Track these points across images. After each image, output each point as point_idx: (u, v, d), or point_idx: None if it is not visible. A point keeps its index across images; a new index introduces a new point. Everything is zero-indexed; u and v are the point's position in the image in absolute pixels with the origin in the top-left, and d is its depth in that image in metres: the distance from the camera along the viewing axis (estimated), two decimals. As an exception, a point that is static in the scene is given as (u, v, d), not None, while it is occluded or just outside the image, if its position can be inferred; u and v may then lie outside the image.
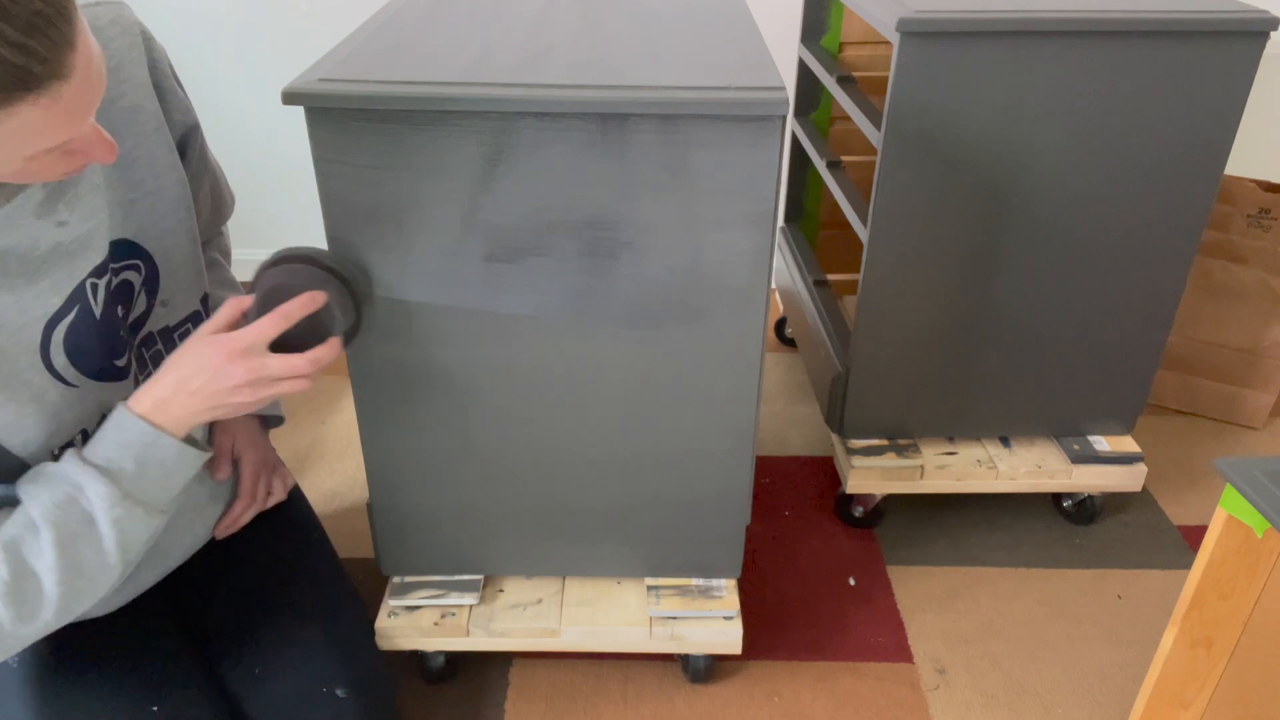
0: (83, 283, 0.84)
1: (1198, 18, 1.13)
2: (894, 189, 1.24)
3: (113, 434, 0.81)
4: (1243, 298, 1.66)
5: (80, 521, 0.79)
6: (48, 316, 0.81)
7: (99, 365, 0.87)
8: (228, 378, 0.82)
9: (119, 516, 0.80)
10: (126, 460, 0.80)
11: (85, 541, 0.79)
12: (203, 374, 0.82)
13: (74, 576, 0.79)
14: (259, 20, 1.99)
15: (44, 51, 0.60)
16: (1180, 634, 0.95)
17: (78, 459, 0.80)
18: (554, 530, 1.16)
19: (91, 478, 0.79)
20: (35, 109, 0.62)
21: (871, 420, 1.46)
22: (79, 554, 0.79)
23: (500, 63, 0.93)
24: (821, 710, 1.22)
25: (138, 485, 0.81)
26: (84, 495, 0.79)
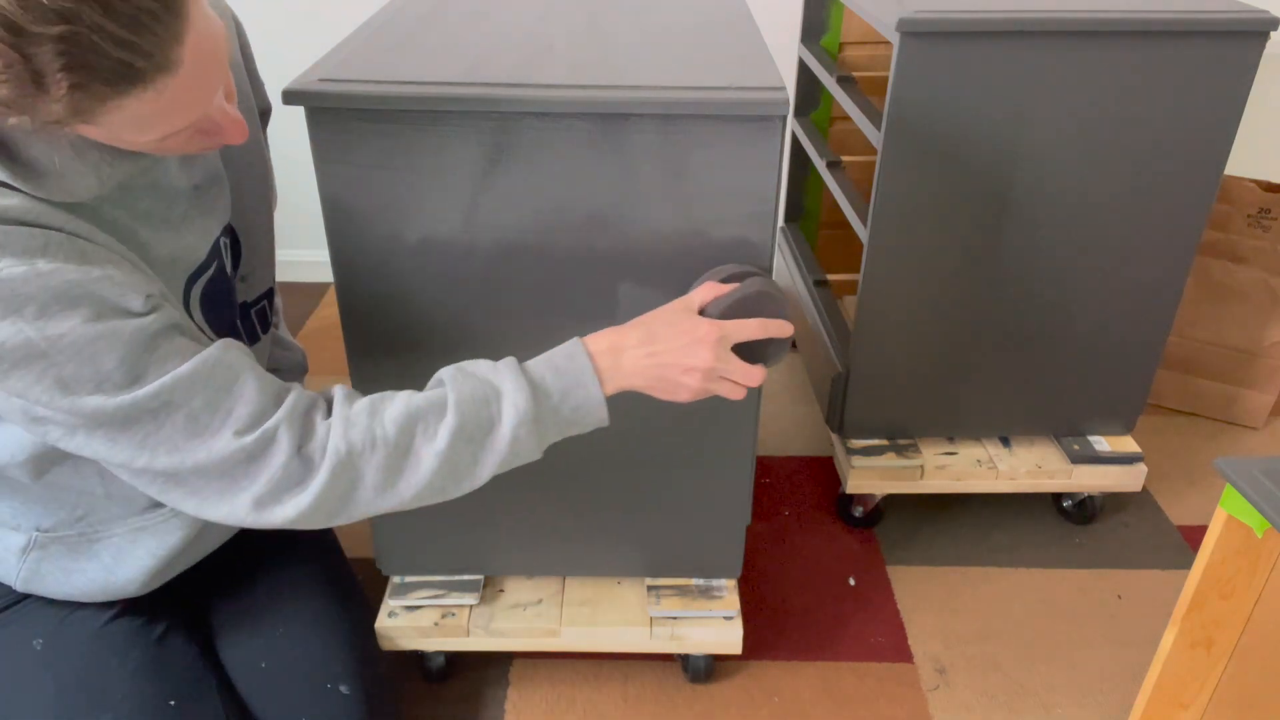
0: (218, 240, 0.87)
1: (1198, 18, 1.13)
2: (894, 189, 1.24)
3: (558, 359, 0.82)
4: (1243, 298, 1.66)
5: (487, 423, 0.79)
6: (192, 268, 0.83)
7: (226, 323, 0.89)
8: (694, 356, 0.83)
9: (519, 436, 0.79)
10: (554, 388, 0.80)
11: (479, 443, 0.79)
12: (674, 341, 0.83)
13: (450, 471, 0.79)
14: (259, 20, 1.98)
15: (148, 47, 0.61)
16: (1180, 634, 0.95)
17: (516, 368, 0.80)
18: (554, 530, 1.16)
19: (519, 388, 0.78)
20: (142, 102, 0.63)
21: (871, 420, 1.46)
22: (468, 452, 0.79)
23: (500, 63, 0.93)
24: (821, 710, 1.22)
25: (550, 414, 0.81)
26: (501, 402, 0.79)
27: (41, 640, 0.93)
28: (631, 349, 0.83)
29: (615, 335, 0.84)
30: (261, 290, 1.00)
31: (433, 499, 0.81)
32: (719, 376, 0.85)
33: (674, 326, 0.84)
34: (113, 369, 0.69)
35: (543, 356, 0.83)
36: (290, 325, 2.13)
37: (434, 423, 0.78)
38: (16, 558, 0.91)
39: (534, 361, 0.82)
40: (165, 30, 0.61)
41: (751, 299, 0.88)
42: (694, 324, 0.84)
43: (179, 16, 0.62)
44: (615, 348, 0.83)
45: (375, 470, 0.77)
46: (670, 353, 0.83)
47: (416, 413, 0.78)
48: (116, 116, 0.64)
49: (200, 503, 0.76)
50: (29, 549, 0.91)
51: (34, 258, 0.67)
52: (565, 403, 0.81)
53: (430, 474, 0.78)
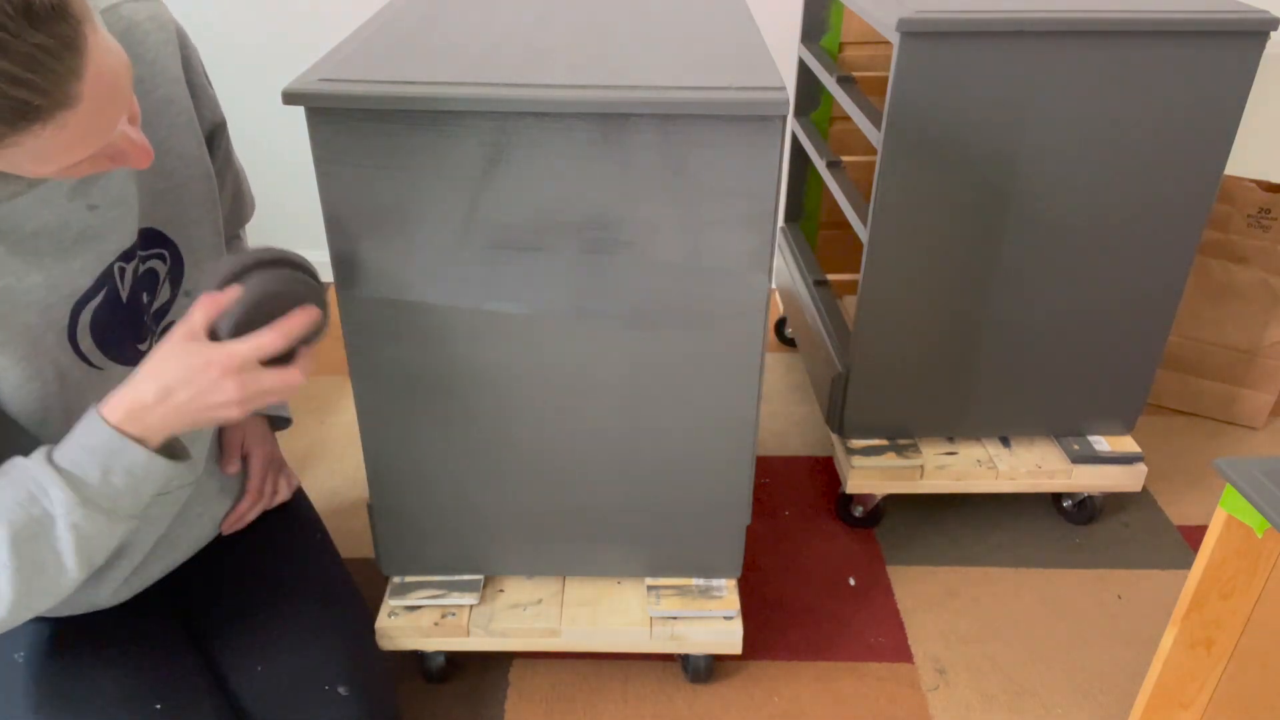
0: (111, 265, 0.84)
1: (1198, 18, 1.13)
2: (894, 189, 1.24)
3: (81, 438, 0.78)
4: (1243, 298, 1.66)
5: (39, 522, 0.76)
6: (76, 296, 0.82)
7: (123, 349, 0.87)
8: (219, 393, 0.79)
9: (77, 522, 0.76)
10: (91, 467, 0.77)
11: (44, 542, 0.76)
12: (191, 387, 0.78)
13: (31, 574, 0.76)
14: (259, 20, 1.99)
15: (46, 85, 0.60)
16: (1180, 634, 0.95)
17: (44, 459, 0.77)
18: (554, 530, 1.16)
19: (53, 481, 0.76)
20: (41, 138, 0.62)
21: (871, 420, 1.46)
22: (37, 553, 0.76)
23: (500, 63, 0.93)
24: (821, 710, 1.22)
25: (101, 493, 0.77)
26: (46, 496, 0.76)
27: (23, 653, 0.92)
28: (152, 408, 0.77)
29: (130, 397, 0.78)
30: None
31: (44, 601, 0.78)
32: (258, 395, 0.81)
33: (188, 369, 0.78)
34: None
35: (71, 436, 0.78)
36: (290, 325, 2.12)
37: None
38: None
39: (61, 447, 0.78)
40: (63, 67, 0.60)
41: (260, 303, 0.81)
42: (205, 359, 0.78)
43: (77, 52, 0.61)
44: (134, 412, 0.77)
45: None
46: (195, 398, 0.78)
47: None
48: (14, 151, 0.63)
49: None
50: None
51: None
52: (113, 476, 0.77)
53: (15, 582, 0.75)
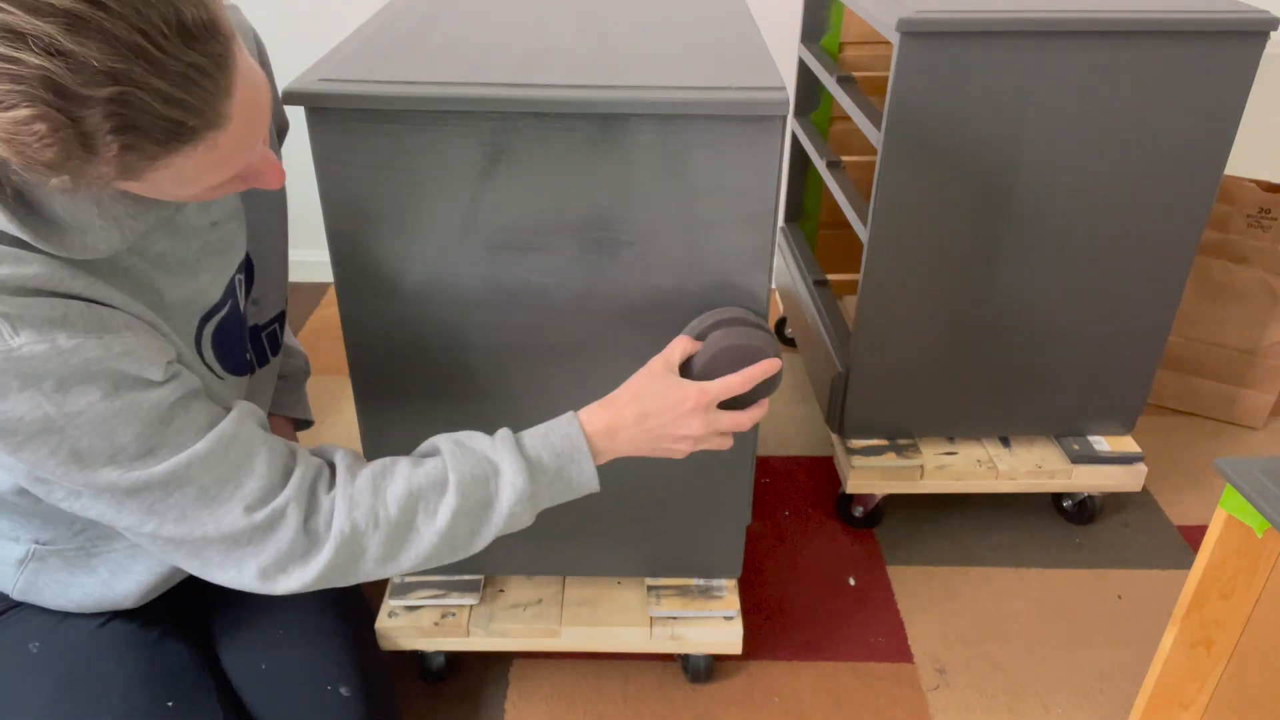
0: (233, 279, 0.86)
1: (1198, 18, 1.13)
2: (894, 189, 1.24)
3: (557, 438, 0.83)
4: (1243, 298, 1.66)
5: (484, 501, 0.81)
6: (205, 310, 0.83)
7: (238, 359, 0.89)
8: (686, 426, 0.85)
9: (515, 513, 0.82)
10: (551, 465, 0.82)
11: (477, 519, 0.81)
12: (665, 415, 0.85)
13: (446, 545, 0.81)
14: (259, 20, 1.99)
15: (199, 104, 0.60)
16: (1180, 634, 0.95)
17: (513, 445, 0.82)
18: (554, 530, 1.16)
19: (518, 470, 0.81)
20: (191, 159, 0.62)
21: (871, 420, 1.46)
22: (461, 528, 0.80)
23: (500, 63, 0.93)
24: (821, 710, 1.22)
25: (545, 491, 0.83)
26: (498, 480, 0.81)
27: (38, 644, 0.92)
28: (628, 428, 0.85)
29: (610, 413, 0.86)
30: (273, 313, 1.00)
31: (431, 565, 0.83)
32: (714, 433, 0.88)
33: (664, 398, 0.86)
34: (127, 442, 0.70)
35: (540, 431, 0.84)
36: (291, 325, 2.13)
37: (435, 501, 0.80)
38: (14, 568, 0.91)
39: (530, 436, 0.84)
40: (215, 86, 0.60)
41: (727, 352, 0.90)
42: (682, 394, 0.86)
43: (228, 71, 0.61)
44: (614, 427, 0.85)
45: (377, 546, 0.79)
46: (665, 426, 0.85)
47: (418, 491, 0.80)
48: (164, 173, 0.63)
49: (204, 565, 0.77)
50: (26, 560, 0.91)
51: (54, 331, 0.66)
52: (560, 478, 0.84)
53: (430, 548, 0.80)
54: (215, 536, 0.74)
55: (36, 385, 0.66)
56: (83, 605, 0.94)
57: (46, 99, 0.55)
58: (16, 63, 0.54)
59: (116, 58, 0.55)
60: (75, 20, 0.54)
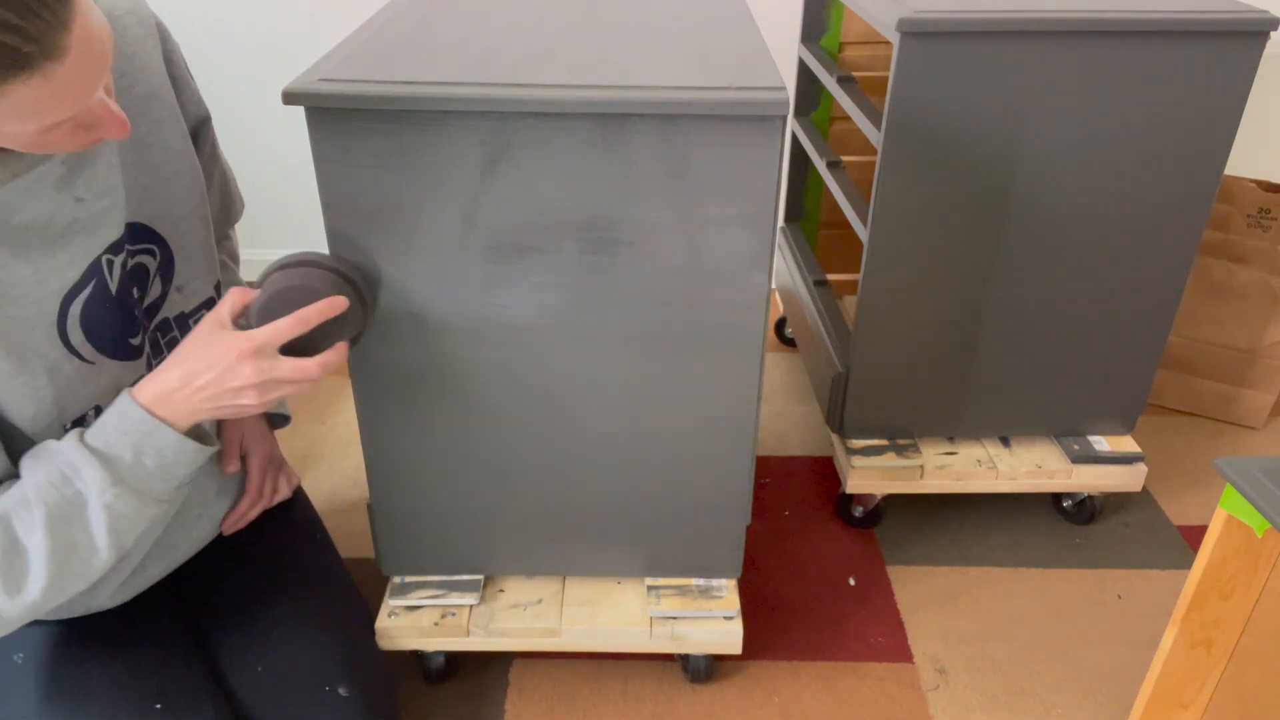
0: (99, 258, 0.84)
1: (1198, 18, 1.13)
2: (894, 189, 1.24)
3: (113, 420, 0.81)
4: (1243, 298, 1.66)
5: (72, 502, 0.78)
6: (65, 289, 0.82)
7: (114, 342, 0.87)
8: (236, 377, 0.81)
9: (110, 502, 0.79)
10: (124, 448, 0.80)
11: (76, 523, 0.79)
12: (211, 370, 0.81)
13: (65, 556, 0.78)
14: (259, 20, 1.99)
15: (35, 32, 0.61)
16: (1180, 634, 0.95)
17: (77, 440, 0.80)
18: (554, 530, 1.16)
19: (86, 461, 0.78)
20: (28, 88, 0.63)
21: (871, 420, 1.46)
22: (70, 534, 0.78)
23: (500, 63, 0.93)
24: (821, 710, 1.22)
25: (133, 474, 0.80)
26: (79, 476, 0.78)
27: (22, 655, 0.93)
28: (177, 390, 0.81)
29: (158, 378, 0.82)
30: (200, 300, 0.98)
31: (77, 583, 0.80)
32: (277, 383, 0.83)
33: (209, 354, 0.81)
34: None
35: (102, 419, 0.81)
36: (290, 325, 2.13)
37: (25, 518, 0.77)
38: None
39: (94, 429, 0.81)
40: (53, 16, 0.61)
41: (282, 295, 0.85)
42: (225, 345, 0.81)
43: (66, 4, 0.62)
44: (165, 392, 0.81)
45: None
46: (214, 381, 0.81)
47: (6, 516, 0.77)
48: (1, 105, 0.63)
49: None
50: None
51: None
52: (145, 458, 0.80)
53: (49, 564, 0.77)
54: None
55: None
56: (57, 612, 0.94)
57: None
58: None
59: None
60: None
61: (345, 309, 0.87)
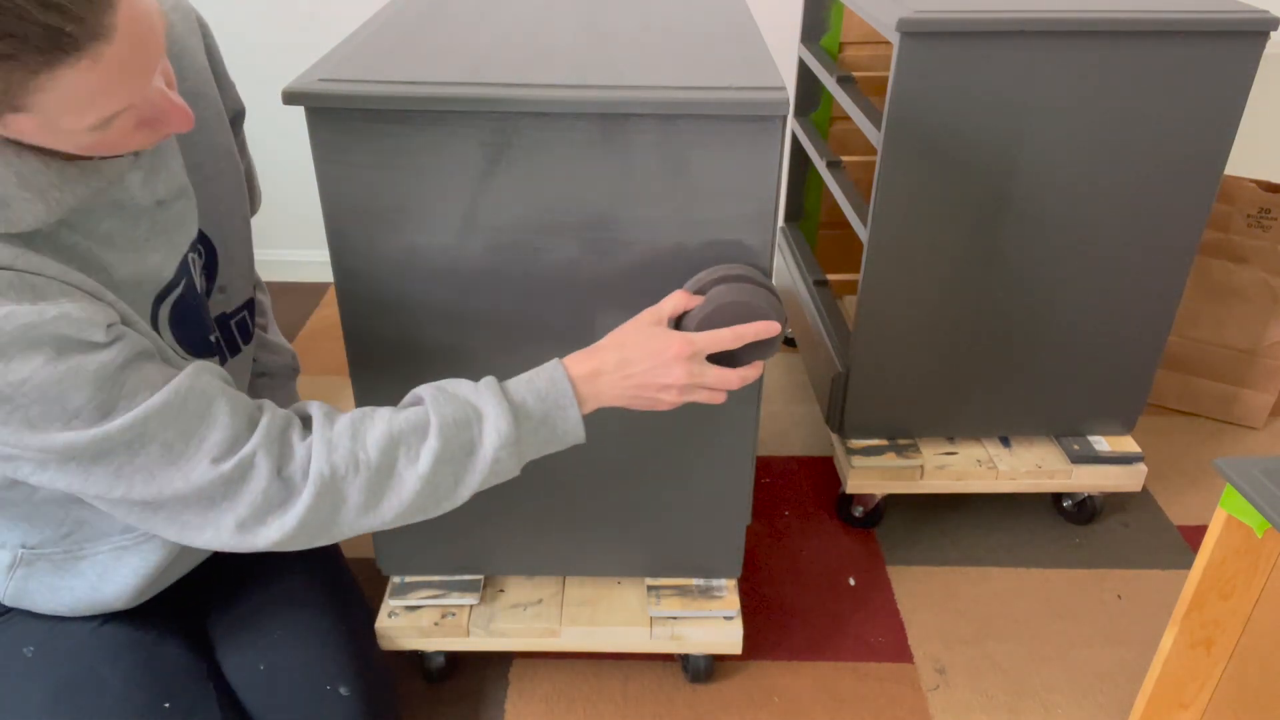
0: (186, 256, 0.85)
1: (1198, 18, 1.13)
2: (894, 189, 1.24)
3: (540, 382, 0.82)
4: (1243, 298, 1.66)
5: (464, 447, 0.79)
6: (160, 288, 0.82)
7: (199, 340, 0.88)
8: (668, 374, 0.83)
9: (500, 459, 0.80)
10: (536, 411, 0.81)
11: (457, 466, 0.79)
12: (647, 362, 0.83)
13: (429, 493, 0.79)
14: (259, 20, 1.99)
15: (78, 10, 0.59)
16: (1180, 634, 0.95)
17: (497, 390, 0.81)
18: (554, 530, 1.16)
19: (502, 413, 0.79)
20: (77, 73, 0.61)
21: (871, 420, 1.46)
22: (444, 475, 0.79)
23: (500, 63, 0.93)
24: (821, 710, 1.22)
25: (532, 437, 0.81)
26: (482, 425, 0.79)
27: (32, 648, 0.92)
28: (609, 373, 0.84)
29: (594, 359, 0.84)
30: (240, 301, 0.99)
31: (415, 518, 0.81)
32: (697, 389, 0.86)
33: (647, 345, 0.84)
34: (81, 405, 0.68)
35: (524, 378, 0.83)
36: (290, 325, 2.13)
37: (416, 445, 0.78)
38: (3, 574, 0.91)
39: (515, 383, 0.83)
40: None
41: (725, 309, 0.88)
42: (666, 341, 0.84)
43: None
44: (595, 372, 0.84)
45: (358, 492, 0.77)
46: (645, 373, 0.84)
47: (399, 435, 0.78)
48: (52, 96, 0.61)
49: (181, 529, 0.76)
50: (15, 565, 0.91)
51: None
52: (545, 424, 0.82)
53: (412, 495, 0.79)
54: (186, 493, 0.73)
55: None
56: (74, 609, 0.94)
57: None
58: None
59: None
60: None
61: (777, 334, 0.89)
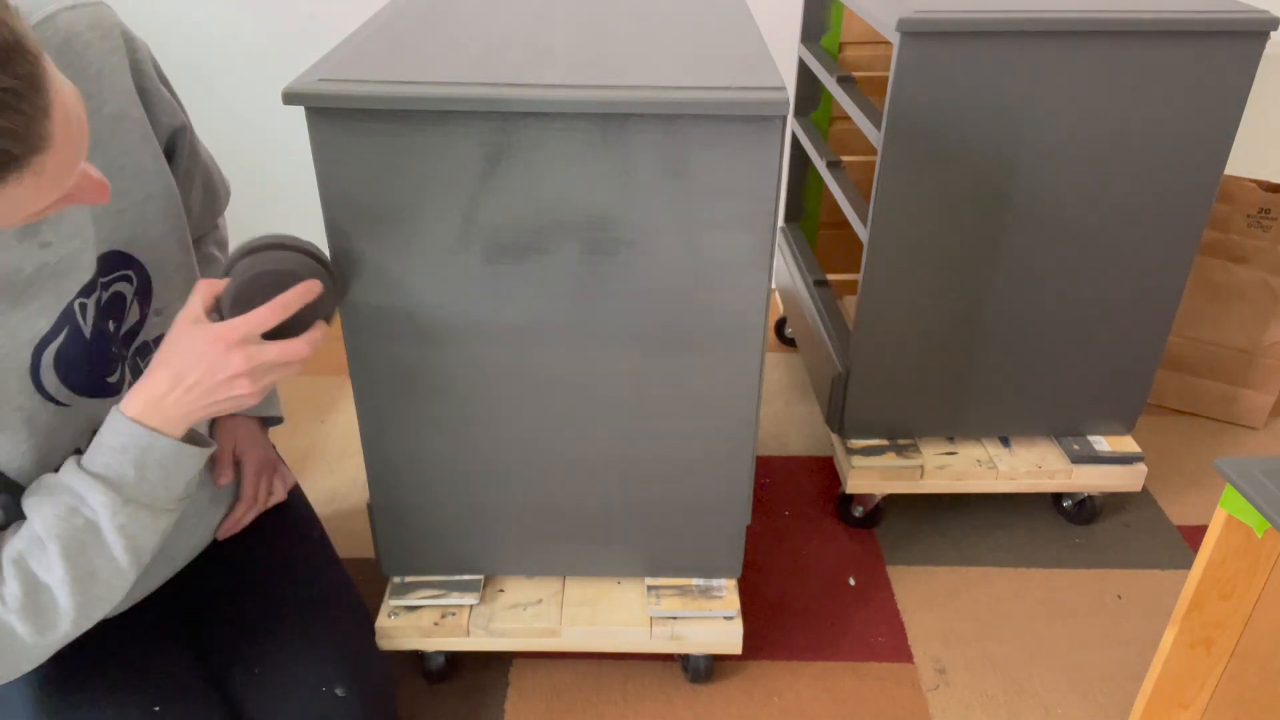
0: (71, 304, 0.82)
1: (1198, 18, 1.13)
2: (894, 189, 1.24)
3: (108, 439, 0.79)
4: (1243, 298, 1.66)
5: (85, 530, 0.77)
6: (36, 340, 0.79)
7: (91, 383, 0.85)
8: (225, 368, 0.79)
9: (123, 523, 0.78)
10: (125, 466, 0.79)
11: (94, 549, 0.78)
12: (199, 367, 0.79)
13: (88, 584, 0.78)
14: (259, 20, 1.99)
15: (20, 129, 0.57)
16: (1180, 634, 0.95)
17: (76, 468, 0.79)
18: (554, 530, 1.16)
19: (90, 487, 0.77)
20: (20, 188, 0.60)
21: (871, 420, 1.46)
22: (90, 562, 0.78)
23: (500, 63, 0.93)
24: (821, 710, 1.22)
25: (139, 490, 0.79)
26: (86, 505, 0.78)
27: None
28: (167, 395, 0.79)
29: (146, 387, 0.79)
30: None
31: (108, 601, 0.80)
32: (269, 368, 0.82)
33: (192, 351, 0.79)
34: None
35: (94, 442, 0.80)
36: (290, 325, 2.12)
37: (40, 557, 0.76)
38: None
39: (89, 454, 0.79)
40: (32, 108, 0.57)
41: (253, 282, 0.83)
42: (208, 339, 0.79)
43: (43, 90, 0.58)
44: (154, 399, 0.79)
45: (25, 625, 0.76)
46: (204, 378, 0.79)
47: (22, 559, 0.76)
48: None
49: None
50: None
51: None
52: (148, 471, 0.79)
53: (74, 595, 0.77)
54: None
55: None
56: None
57: None
58: None
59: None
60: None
61: (321, 291, 0.85)
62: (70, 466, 0.79)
